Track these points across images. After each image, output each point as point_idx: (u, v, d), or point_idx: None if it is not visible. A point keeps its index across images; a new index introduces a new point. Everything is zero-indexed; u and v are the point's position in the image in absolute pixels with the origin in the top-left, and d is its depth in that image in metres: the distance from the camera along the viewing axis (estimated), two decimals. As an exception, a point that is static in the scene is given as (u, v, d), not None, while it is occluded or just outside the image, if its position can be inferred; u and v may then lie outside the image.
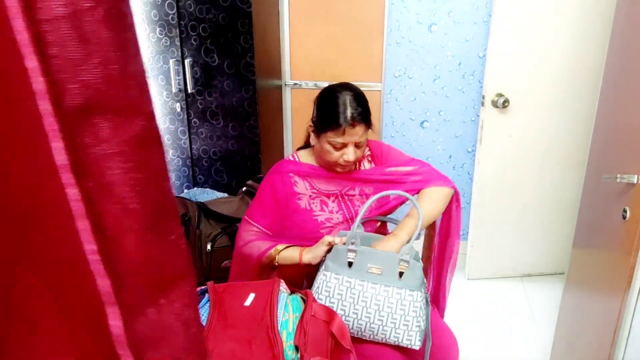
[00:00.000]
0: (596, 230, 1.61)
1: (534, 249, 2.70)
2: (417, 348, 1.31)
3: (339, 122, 1.37)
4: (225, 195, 2.17)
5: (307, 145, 1.58)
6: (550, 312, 2.38)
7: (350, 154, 1.40)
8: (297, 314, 1.23)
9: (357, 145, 1.42)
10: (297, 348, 1.14)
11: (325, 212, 1.50)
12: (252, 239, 1.48)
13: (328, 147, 1.41)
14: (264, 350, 1.11)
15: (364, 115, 1.40)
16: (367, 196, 1.53)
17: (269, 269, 1.47)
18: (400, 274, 1.30)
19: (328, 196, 1.51)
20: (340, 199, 1.52)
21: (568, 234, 2.46)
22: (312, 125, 1.47)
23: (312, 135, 1.47)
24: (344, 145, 1.40)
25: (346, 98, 1.39)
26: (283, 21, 2.73)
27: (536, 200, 2.60)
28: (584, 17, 2.28)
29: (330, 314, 1.24)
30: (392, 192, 1.42)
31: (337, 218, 1.51)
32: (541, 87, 2.38)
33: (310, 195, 1.50)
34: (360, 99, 1.42)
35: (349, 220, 1.52)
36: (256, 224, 1.49)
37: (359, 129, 1.39)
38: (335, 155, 1.42)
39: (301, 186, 1.49)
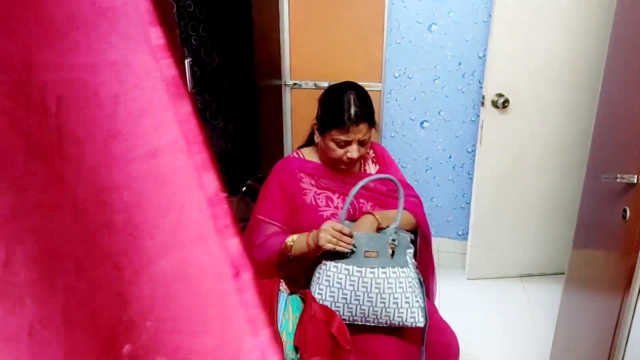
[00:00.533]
0: (596, 230, 1.61)
1: (534, 249, 2.70)
2: (422, 325, 1.33)
3: (343, 120, 1.40)
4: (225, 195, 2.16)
5: (308, 143, 1.60)
6: (550, 312, 2.38)
7: (354, 151, 1.44)
8: (296, 314, 1.23)
9: (360, 143, 1.45)
10: (296, 348, 1.14)
11: (330, 208, 1.52)
12: (270, 236, 1.47)
13: (332, 144, 1.44)
14: (264, 351, 1.11)
15: (367, 114, 1.43)
16: (369, 193, 1.57)
17: (285, 263, 1.47)
18: (392, 253, 1.34)
19: (333, 192, 1.53)
20: (344, 195, 1.54)
21: (568, 234, 2.45)
22: (316, 123, 1.50)
23: (317, 134, 1.50)
24: (348, 143, 1.43)
25: (350, 97, 1.42)
26: (283, 21, 2.73)
27: (536, 200, 2.59)
28: (584, 17, 2.28)
29: (330, 314, 1.24)
30: (381, 176, 1.46)
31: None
32: (541, 87, 2.38)
33: (315, 191, 1.52)
34: (364, 97, 1.45)
35: (353, 217, 1.55)
36: (272, 221, 1.48)
37: (363, 127, 1.42)
38: (339, 152, 1.45)
39: (307, 182, 1.51)
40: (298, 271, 1.52)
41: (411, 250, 1.42)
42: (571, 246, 1.83)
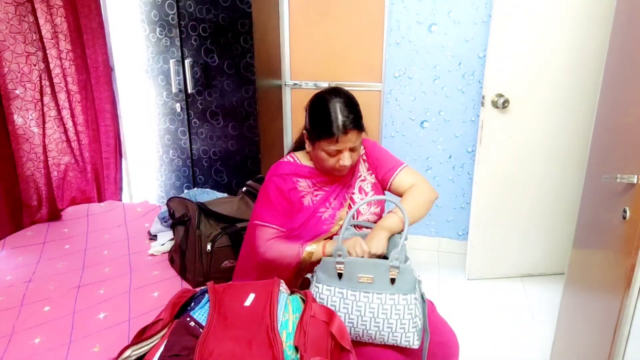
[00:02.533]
0: (596, 230, 1.61)
1: (534, 249, 2.70)
2: (416, 347, 1.32)
3: (332, 131, 1.37)
4: (225, 195, 2.17)
5: (299, 147, 1.58)
6: (550, 312, 2.38)
7: (345, 159, 1.42)
8: (297, 314, 1.23)
9: (351, 150, 1.43)
10: (296, 348, 1.14)
11: (328, 209, 1.52)
12: (276, 241, 1.45)
13: (323, 154, 1.43)
14: (264, 351, 1.11)
15: (355, 122, 1.40)
16: (366, 194, 1.57)
17: (302, 270, 1.47)
18: (392, 280, 1.30)
19: (329, 193, 1.53)
20: (340, 196, 1.54)
21: (568, 234, 2.46)
22: (306, 133, 1.48)
23: (307, 143, 1.48)
24: (339, 152, 1.41)
25: (337, 106, 1.39)
26: (283, 21, 2.73)
27: (536, 200, 2.59)
28: (584, 17, 2.28)
29: (330, 314, 1.24)
30: (380, 197, 1.45)
31: (340, 215, 1.52)
32: (541, 87, 2.38)
33: (312, 193, 1.51)
34: (351, 104, 1.42)
35: (352, 216, 1.54)
36: (272, 225, 1.47)
37: (352, 135, 1.40)
38: (331, 161, 1.43)
39: (303, 185, 1.51)
40: (296, 281, 1.52)
41: (411, 268, 1.37)
42: (571, 246, 1.83)
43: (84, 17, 2.32)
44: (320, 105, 1.43)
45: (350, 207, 1.54)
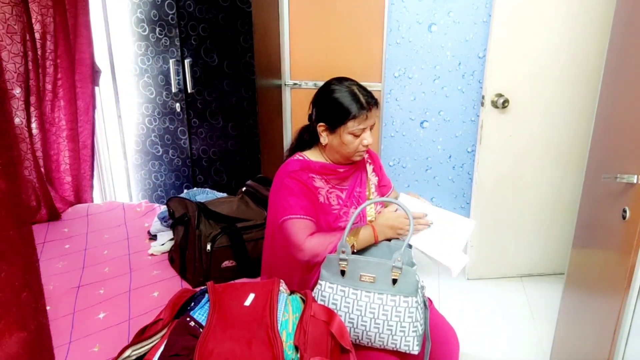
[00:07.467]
0: (596, 230, 1.61)
1: (534, 249, 2.70)
2: (416, 353, 1.32)
3: (359, 109, 1.43)
4: (225, 195, 2.16)
5: (304, 147, 1.58)
6: (550, 312, 2.38)
7: (368, 137, 1.48)
8: (296, 314, 1.23)
9: (370, 128, 1.49)
10: (296, 348, 1.14)
11: (341, 206, 1.53)
12: (313, 237, 1.43)
13: (348, 138, 1.46)
14: (264, 350, 1.11)
15: (374, 98, 1.48)
16: (372, 194, 1.61)
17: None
18: (394, 280, 1.30)
19: (342, 190, 1.55)
20: (351, 194, 1.57)
21: (568, 234, 2.45)
22: (323, 124, 1.48)
23: (324, 135, 1.49)
24: (363, 131, 1.46)
25: (353, 87, 1.46)
26: (283, 21, 2.73)
27: (536, 200, 2.60)
28: (584, 17, 2.28)
29: (330, 314, 1.24)
30: (383, 199, 1.48)
31: (352, 212, 1.54)
32: (541, 87, 2.38)
33: (327, 190, 1.53)
34: (362, 85, 1.50)
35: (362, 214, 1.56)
36: (304, 216, 1.44)
37: (374, 111, 1.47)
38: (356, 143, 1.47)
39: (318, 181, 1.52)
40: (292, 284, 1.52)
41: (414, 270, 1.37)
42: (571, 246, 1.83)
43: (71, 18, 2.31)
44: (336, 91, 1.47)
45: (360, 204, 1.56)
